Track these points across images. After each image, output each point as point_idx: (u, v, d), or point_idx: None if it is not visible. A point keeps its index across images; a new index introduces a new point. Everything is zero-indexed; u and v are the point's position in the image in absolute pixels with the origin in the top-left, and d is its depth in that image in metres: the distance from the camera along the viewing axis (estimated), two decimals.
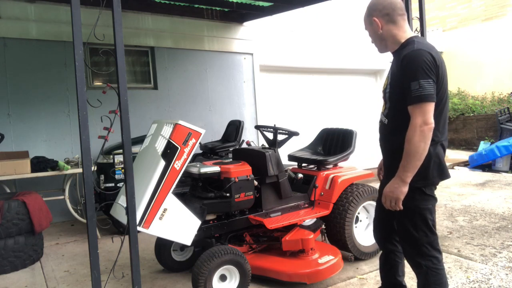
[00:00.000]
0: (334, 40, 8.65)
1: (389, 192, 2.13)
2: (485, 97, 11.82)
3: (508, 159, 8.40)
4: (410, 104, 2.03)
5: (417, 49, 2.06)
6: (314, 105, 8.66)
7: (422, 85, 1.98)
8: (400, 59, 2.12)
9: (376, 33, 2.27)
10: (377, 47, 2.37)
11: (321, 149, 4.14)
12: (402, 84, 2.09)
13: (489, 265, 3.49)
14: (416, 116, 2.01)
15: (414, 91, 1.99)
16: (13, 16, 5.38)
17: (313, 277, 3.15)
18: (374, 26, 2.26)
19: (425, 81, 1.98)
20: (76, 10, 2.08)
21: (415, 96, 2.00)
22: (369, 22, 2.30)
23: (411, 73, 2.02)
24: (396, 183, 2.09)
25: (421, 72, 1.99)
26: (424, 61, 2.01)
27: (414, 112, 2.02)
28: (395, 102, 2.19)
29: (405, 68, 2.06)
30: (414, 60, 2.03)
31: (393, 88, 2.20)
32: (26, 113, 5.49)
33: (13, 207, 3.80)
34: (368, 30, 2.34)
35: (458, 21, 12.81)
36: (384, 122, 2.30)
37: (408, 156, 2.03)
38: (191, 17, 6.79)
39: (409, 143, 2.02)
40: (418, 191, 2.14)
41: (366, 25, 2.34)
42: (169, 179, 2.70)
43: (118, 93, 2.25)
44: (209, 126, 6.87)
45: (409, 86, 2.02)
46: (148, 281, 3.47)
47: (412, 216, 2.17)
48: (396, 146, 2.15)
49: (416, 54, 2.04)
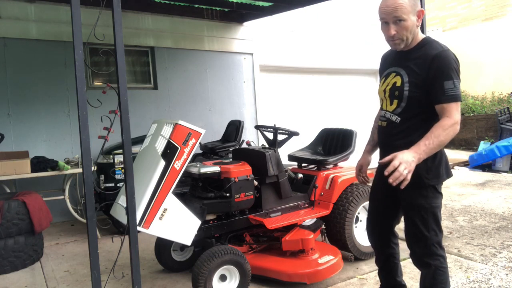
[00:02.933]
0: (334, 40, 8.65)
1: (407, 161, 1.92)
2: (485, 97, 11.83)
3: (508, 159, 8.40)
4: (445, 102, 2.04)
5: (446, 50, 2.09)
6: (314, 105, 8.66)
7: (456, 85, 2.04)
8: (427, 58, 2.09)
9: (414, 27, 2.13)
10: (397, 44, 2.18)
11: (321, 149, 4.14)
12: (425, 83, 2.09)
13: (489, 265, 3.49)
14: (454, 113, 2.04)
15: (449, 90, 2.03)
16: (13, 16, 5.38)
17: (313, 277, 3.15)
18: (415, 18, 2.11)
19: (458, 82, 2.05)
20: (76, 10, 2.08)
21: (451, 95, 2.03)
22: (413, 11, 2.09)
23: (445, 73, 2.04)
24: (413, 156, 1.96)
25: (454, 72, 2.04)
26: (455, 62, 2.07)
27: (451, 109, 2.04)
28: (414, 100, 2.15)
29: (437, 68, 2.06)
30: (447, 60, 2.06)
31: (413, 87, 2.14)
32: (26, 113, 5.49)
33: (13, 207, 3.80)
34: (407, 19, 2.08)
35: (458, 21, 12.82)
36: (394, 121, 2.24)
37: (435, 141, 2.00)
38: (191, 17, 6.79)
39: (443, 131, 2.01)
40: (431, 189, 2.15)
41: (408, 13, 2.07)
42: (169, 179, 2.69)
43: (118, 93, 2.25)
44: (209, 126, 6.87)
45: (442, 85, 2.03)
46: (148, 281, 3.47)
47: (424, 215, 2.15)
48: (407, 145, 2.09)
49: (447, 55, 2.07)
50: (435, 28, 13.05)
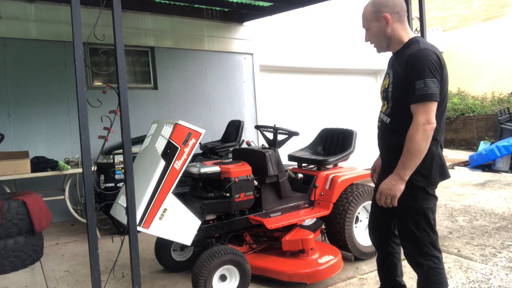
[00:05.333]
0: (334, 40, 8.65)
1: (386, 188, 2.09)
2: (485, 97, 11.82)
3: (508, 159, 8.40)
4: (414, 102, 2.02)
5: (423, 48, 2.05)
6: (314, 105, 8.66)
7: (427, 84, 1.98)
8: (404, 58, 2.09)
9: (382, 31, 2.16)
10: (376, 46, 2.26)
11: (321, 149, 4.14)
12: (405, 83, 2.08)
13: (489, 265, 3.49)
14: (419, 115, 2.00)
15: (419, 89, 1.99)
16: (13, 16, 5.38)
17: (313, 277, 3.15)
18: (381, 23, 2.15)
19: (431, 80, 1.98)
20: (76, 10, 2.08)
21: (419, 95, 1.99)
22: (375, 18, 2.16)
23: (417, 72, 2.01)
24: (394, 180, 2.07)
25: (426, 71, 1.99)
26: (430, 61, 2.01)
27: (417, 110, 2.01)
28: (398, 101, 2.16)
29: (410, 67, 2.04)
30: (420, 59, 2.02)
31: (395, 88, 2.16)
32: (26, 113, 5.49)
33: (13, 207, 3.80)
34: (370, 27, 2.19)
35: (458, 21, 12.81)
36: (385, 121, 2.27)
37: (409, 154, 2.02)
38: (191, 17, 6.79)
39: (411, 141, 2.01)
40: (421, 191, 2.14)
41: (370, 22, 2.19)
42: (169, 179, 2.69)
43: (118, 93, 2.25)
44: (209, 126, 6.87)
45: (413, 84, 2.00)
46: (148, 281, 3.47)
47: (415, 215, 2.15)
48: (397, 144, 2.14)
49: (422, 53, 2.03)
50: (435, 28, 13.04)
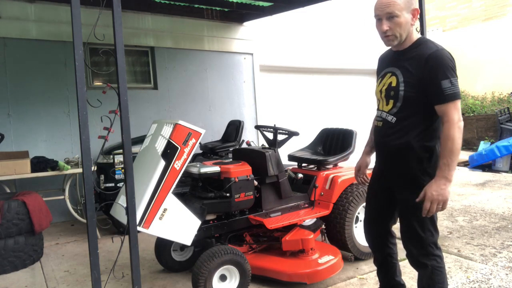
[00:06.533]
0: (334, 40, 8.65)
1: (437, 195, 2.02)
2: (485, 97, 11.82)
3: (508, 159, 8.39)
4: (443, 102, 2.03)
5: (441, 49, 2.08)
6: (314, 105, 8.66)
7: (453, 83, 2.02)
8: (421, 58, 2.09)
9: (408, 23, 2.13)
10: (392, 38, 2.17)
11: (321, 149, 4.14)
12: (420, 82, 2.08)
13: (489, 265, 3.49)
14: (453, 113, 2.02)
15: (447, 89, 2.01)
16: (13, 16, 5.37)
17: (313, 277, 3.15)
18: (410, 15, 2.12)
19: (455, 80, 2.03)
20: (76, 10, 2.08)
21: (448, 94, 2.01)
22: (407, 8, 2.10)
23: (441, 72, 2.03)
24: (443, 183, 2.04)
25: (450, 71, 2.03)
26: (450, 60, 2.06)
27: (449, 109, 2.02)
28: (410, 100, 2.14)
29: (431, 67, 2.05)
30: (442, 59, 2.05)
31: (409, 87, 2.13)
32: (26, 113, 5.49)
33: (13, 207, 3.80)
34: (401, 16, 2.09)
35: (458, 21, 12.82)
36: (390, 121, 2.23)
37: (452, 154, 2.02)
38: (191, 17, 6.79)
39: (451, 141, 2.01)
40: None
41: (401, 10, 2.09)
42: (169, 179, 2.69)
43: (118, 93, 2.25)
44: (209, 126, 6.87)
45: (439, 84, 2.02)
46: (148, 281, 3.47)
47: (420, 215, 2.14)
48: (403, 144, 2.12)
49: (443, 53, 2.06)
50: (435, 28, 13.05)
